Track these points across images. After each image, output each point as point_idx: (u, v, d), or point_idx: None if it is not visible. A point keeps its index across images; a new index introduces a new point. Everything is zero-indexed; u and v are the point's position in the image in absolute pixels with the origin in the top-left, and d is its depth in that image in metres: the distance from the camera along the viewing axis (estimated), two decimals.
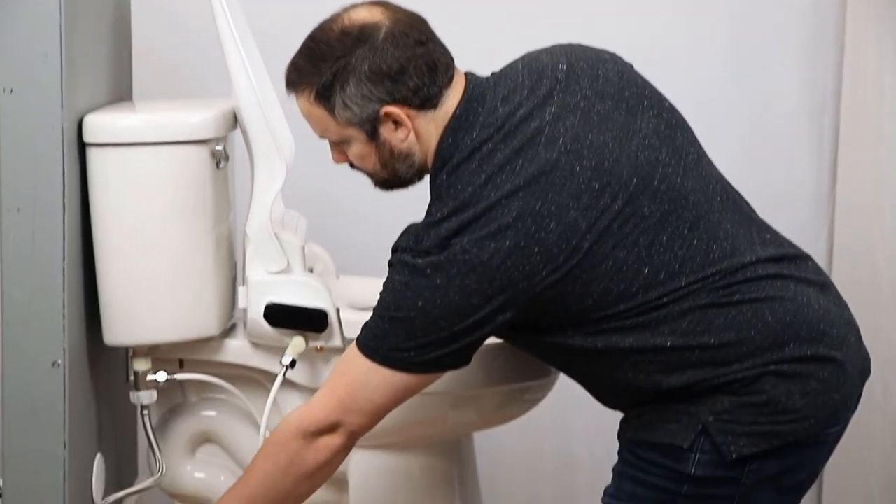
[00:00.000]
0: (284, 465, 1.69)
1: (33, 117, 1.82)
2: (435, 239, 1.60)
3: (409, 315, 1.61)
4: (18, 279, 1.84)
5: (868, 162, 2.48)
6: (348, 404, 1.66)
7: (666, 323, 1.61)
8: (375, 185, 1.77)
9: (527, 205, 1.57)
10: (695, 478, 1.62)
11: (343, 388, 1.66)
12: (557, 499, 2.71)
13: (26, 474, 1.87)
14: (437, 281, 1.58)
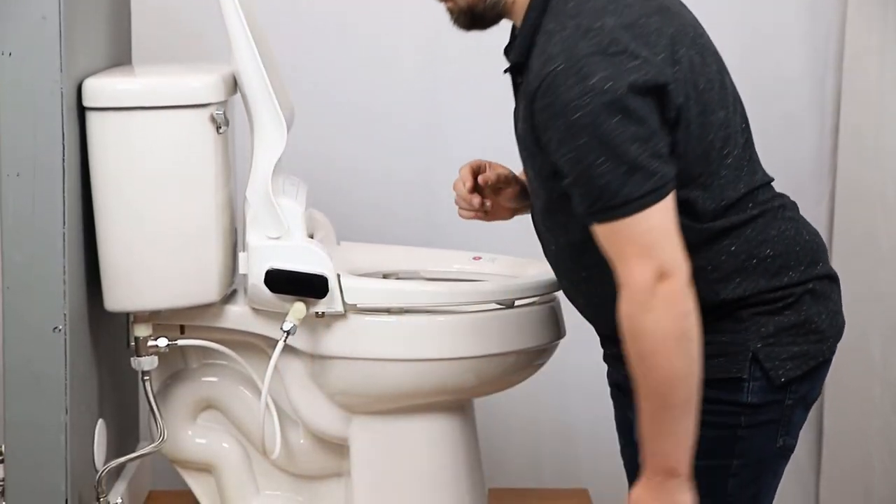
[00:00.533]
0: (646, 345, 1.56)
1: (32, 81, 1.81)
2: (591, 47, 1.52)
3: (612, 132, 1.52)
4: (18, 244, 1.83)
5: (870, 128, 2.47)
6: (658, 248, 1.55)
7: (735, 229, 1.63)
8: (455, 20, 1.70)
9: (665, 22, 1.58)
10: (751, 406, 1.64)
11: (637, 246, 1.55)
12: (557, 462, 2.71)
13: (28, 440, 1.87)
14: (619, 90, 1.50)
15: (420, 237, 2.56)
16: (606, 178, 1.53)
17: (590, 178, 1.54)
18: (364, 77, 2.57)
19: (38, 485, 1.88)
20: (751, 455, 1.67)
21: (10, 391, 1.87)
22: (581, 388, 2.66)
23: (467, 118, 2.58)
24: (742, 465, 1.67)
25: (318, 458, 2.14)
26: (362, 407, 2.07)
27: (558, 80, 1.53)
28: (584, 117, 1.52)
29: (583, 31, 1.54)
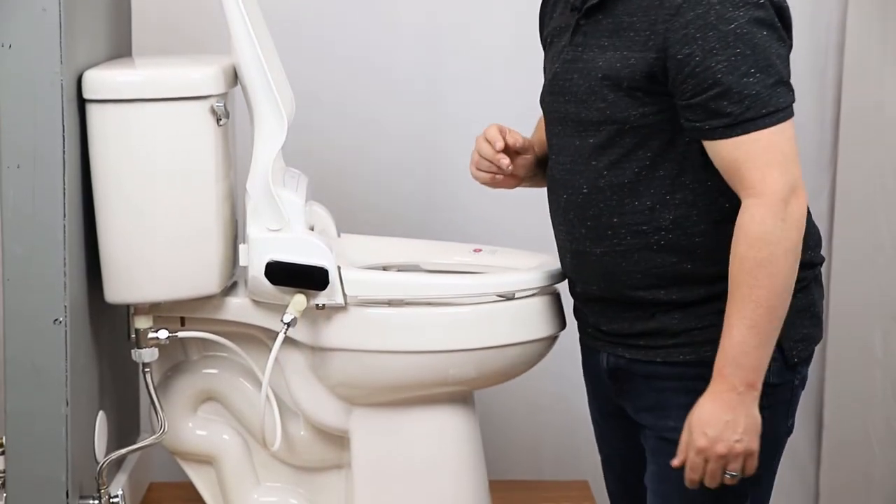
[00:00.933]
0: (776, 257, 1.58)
1: (32, 73, 1.81)
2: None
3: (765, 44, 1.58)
4: (19, 236, 1.84)
5: (870, 113, 2.47)
6: (791, 165, 1.59)
7: None
8: None
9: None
10: (771, 385, 1.65)
11: (780, 156, 1.59)
12: (558, 454, 2.72)
13: (29, 431, 1.88)
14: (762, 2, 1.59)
15: (420, 230, 2.56)
16: (757, 88, 1.58)
17: (742, 86, 1.58)
18: (364, 69, 2.57)
19: (38, 476, 1.88)
20: (768, 434, 1.66)
21: (10, 383, 1.87)
22: (581, 380, 2.66)
23: (469, 112, 2.58)
24: (764, 443, 1.65)
25: (319, 450, 2.14)
26: (363, 399, 2.07)
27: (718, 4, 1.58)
28: (739, 27, 1.58)
29: None
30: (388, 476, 2.09)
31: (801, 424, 2.63)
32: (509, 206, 2.49)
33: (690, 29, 1.59)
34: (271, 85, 1.97)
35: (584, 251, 1.73)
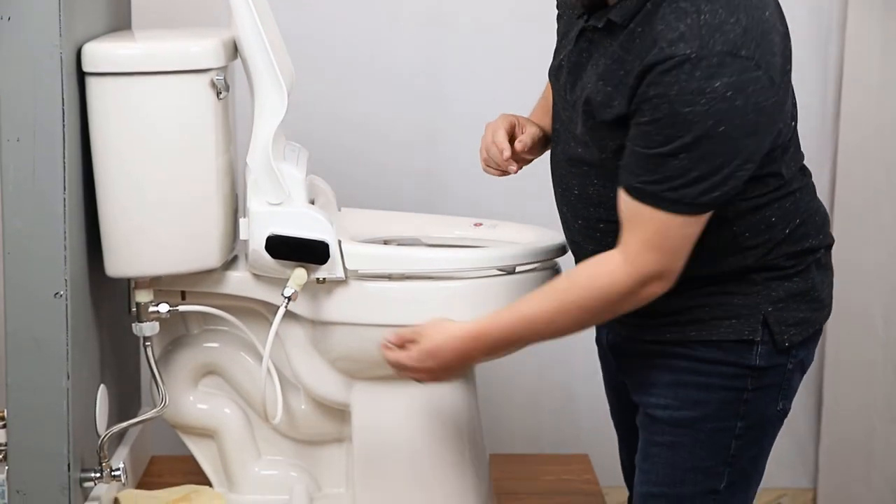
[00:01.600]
0: (600, 313, 1.65)
1: (31, 46, 1.80)
2: (727, 44, 1.51)
3: (712, 141, 1.52)
4: (19, 210, 1.83)
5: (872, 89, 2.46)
6: (670, 253, 1.59)
7: (777, 201, 1.65)
8: None
9: (775, 24, 1.57)
10: (758, 369, 1.67)
11: (660, 240, 1.58)
12: (558, 428, 2.72)
13: (30, 405, 1.88)
14: (736, 102, 1.51)
15: (421, 204, 2.56)
16: (676, 173, 1.54)
17: (660, 164, 1.54)
18: (366, 42, 2.56)
19: (40, 450, 1.88)
20: (754, 417, 1.69)
21: (11, 357, 1.87)
22: (581, 354, 2.66)
23: (470, 86, 2.57)
24: (746, 427, 1.69)
25: (320, 424, 2.15)
26: (363, 373, 2.07)
27: (684, 68, 1.51)
28: (692, 115, 1.51)
29: (718, 21, 1.51)
30: (389, 450, 2.10)
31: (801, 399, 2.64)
32: (511, 180, 2.48)
33: (652, 93, 1.53)
34: (271, 58, 1.97)
35: (578, 243, 1.76)
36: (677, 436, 1.70)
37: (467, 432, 2.13)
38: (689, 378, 1.68)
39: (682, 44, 1.51)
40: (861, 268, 2.47)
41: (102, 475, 1.98)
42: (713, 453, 1.69)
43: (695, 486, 1.71)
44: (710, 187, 1.54)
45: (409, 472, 2.10)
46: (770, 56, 1.53)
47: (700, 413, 1.68)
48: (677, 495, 1.72)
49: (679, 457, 1.70)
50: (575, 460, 2.45)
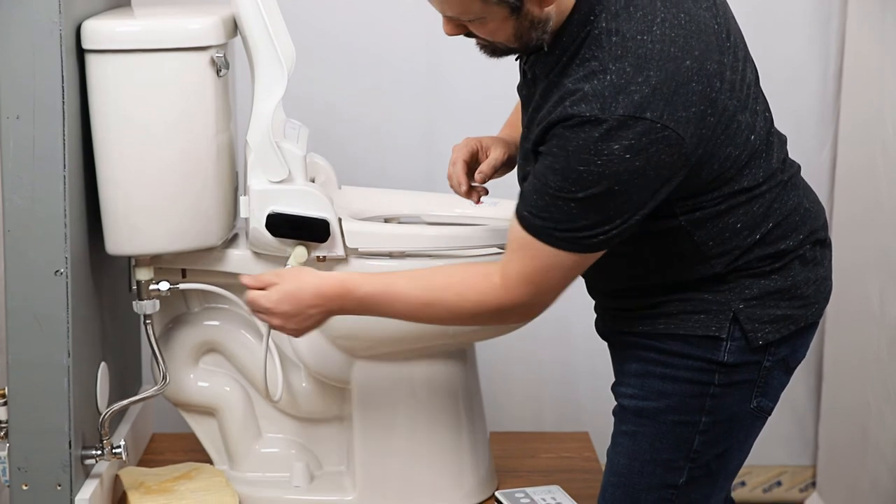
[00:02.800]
0: (462, 320, 1.70)
1: (31, 23, 1.80)
2: (629, 107, 1.50)
3: (604, 198, 1.53)
4: (19, 187, 1.83)
5: (873, 73, 2.46)
6: (545, 287, 1.62)
7: (743, 205, 1.63)
8: (490, 54, 1.67)
9: (703, 66, 1.54)
10: (726, 365, 1.65)
11: (538, 274, 1.60)
12: (558, 406, 2.72)
13: (31, 382, 1.88)
14: (636, 163, 1.51)
15: (421, 181, 2.56)
16: (564, 217, 1.55)
17: (551, 204, 1.55)
18: (365, 18, 2.55)
19: (41, 427, 1.89)
20: (721, 413, 1.67)
21: (12, 334, 1.87)
22: (582, 332, 2.66)
23: (469, 60, 2.56)
24: (711, 422, 1.67)
25: (320, 402, 2.15)
26: (364, 351, 2.08)
27: (584, 129, 1.51)
28: (586, 173, 1.52)
29: (624, 82, 1.51)
30: (389, 428, 2.10)
31: (800, 379, 2.64)
32: None
33: (554, 143, 1.55)
34: (271, 36, 1.96)
35: None
36: (640, 426, 1.70)
37: (467, 410, 2.14)
38: (656, 369, 1.68)
39: (584, 104, 1.52)
40: (859, 246, 2.47)
41: (103, 452, 1.99)
42: (674, 446, 1.68)
43: (651, 479, 1.69)
44: (598, 234, 1.56)
45: (409, 451, 2.11)
46: (683, 111, 1.52)
47: (663, 404, 1.67)
48: (633, 486, 1.71)
49: (639, 447, 1.70)
50: (575, 438, 2.46)
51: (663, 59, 1.52)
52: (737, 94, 1.59)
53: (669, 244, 1.64)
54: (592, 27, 1.55)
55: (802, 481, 2.76)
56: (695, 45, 1.54)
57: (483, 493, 2.16)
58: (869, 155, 2.47)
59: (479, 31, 1.60)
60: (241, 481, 2.15)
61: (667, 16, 1.54)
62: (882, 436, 2.41)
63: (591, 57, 1.54)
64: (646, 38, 1.52)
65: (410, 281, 1.70)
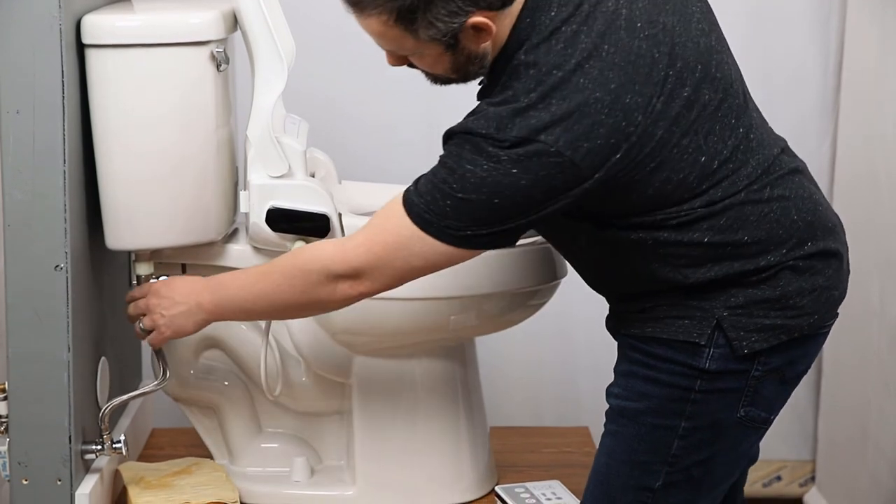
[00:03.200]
0: (297, 289, 1.71)
1: (31, 18, 1.79)
2: (523, 130, 1.53)
3: (480, 205, 1.56)
4: (19, 182, 1.83)
5: (873, 65, 2.45)
6: (384, 261, 1.64)
7: (706, 219, 1.61)
8: (434, 82, 1.71)
9: (618, 99, 1.54)
10: (708, 372, 1.64)
11: (382, 245, 1.63)
12: (559, 401, 2.73)
13: (31, 377, 1.88)
14: (521, 181, 1.54)
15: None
16: (439, 210, 1.58)
17: (433, 192, 1.58)
18: None
19: (41, 422, 1.89)
20: (702, 419, 1.66)
21: (12, 329, 1.87)
22: (582, 327, 2.67)
23: None
24: (692, 427, 1.66)
25: (320, 397, 2.15)
26: (364, 346, 2.08)
27: (478, 140, 1.55)
28: (470, 174, 1.55)
29: (524, 106, 1.54)
30: (389, 423, 2.10)
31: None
32: None
33: (452, 141, 1.60)
34: (271, 30, 1.96)
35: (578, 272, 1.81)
36: (621, 425, 1.69)
37: (467, 405, 2.14)
38: (641, 370, 1.68)
39: (483, 121, 1.56)
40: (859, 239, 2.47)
41: (103, 447, 1.99)
42: (652, 449, 1.67)
43: (628, 479, 1.69)
44: (464, 235, 1.59)
45: (409, 445, 2.11)
46: (585, 141, 1.53)
47: (644, 406, 1.67)
48: (610, 485, 1.70)
49: (618, 447, 1.70)
50: (576, 433, 2.46)
51: (570, 90, 1.54)
52: (674, 120, 1.58)
53: (641, 256, 1.64)
54: (514, 59, 1.58)
55: (802, 476, 2.76)
56: (612, 78, 1.55)
57: (483, 487, 2.17)
58: (869, 152, 2.47)
59: (419, 64, 1.66)
60: (241, 476, 2.15)
61: (587, 47, 1.55)
62: (882, 431, 2.41)
63: (508, 86, 1.58)
64: (558, 71, 1.55)
65: (261, 264, 1.81)
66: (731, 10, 2.57)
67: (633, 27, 1.57)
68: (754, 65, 2.57)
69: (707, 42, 1.63)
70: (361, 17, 1.61)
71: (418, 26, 1.57)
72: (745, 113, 1.66)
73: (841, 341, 2.57)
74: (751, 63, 2.57)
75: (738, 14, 2.58)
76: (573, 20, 1.56)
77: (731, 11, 2.57)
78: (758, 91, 1.80)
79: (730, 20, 2.58)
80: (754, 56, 2.57)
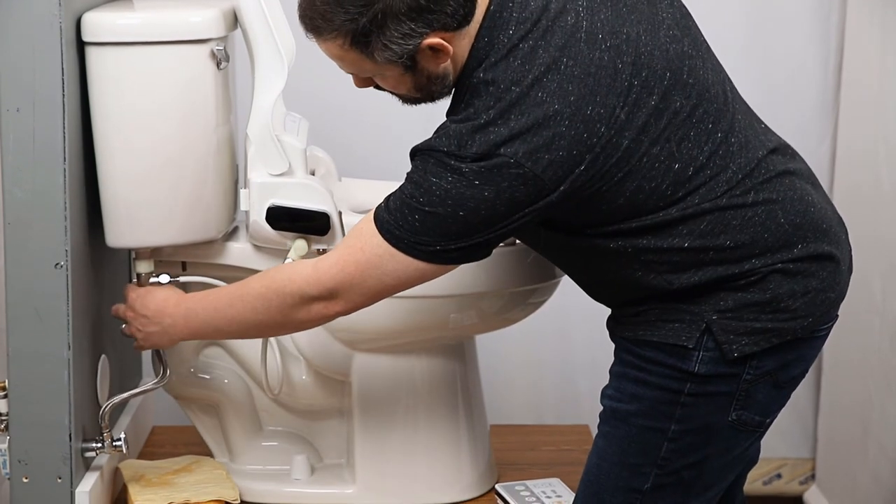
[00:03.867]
0: (273, 311, 1.72)
1: (31, 15, 1.79)
2: (483, 146, 1.55)
3: (447, 218, 1.58)
4: (19, 179, 1.83)
5: (873, 64, 2.46)
6: (357, 281, 1.65)
7: (685, 223, 1.61)
8: (403, 102, 1.73)
9: (579, 111, 1.55)
10: (698, 375, 1.64)
11: (354, 265, 1.65)
12: (558, 404, 2.73)
13: (31, 375, 1.88)
14: (484, 193, 1.55)
15: None
16: (407, 225, 1.59)
17: (401, 209, 1.60)
18: None
19: (41, 419, 1.89)
20: (692, 423, 1.66)
21: (13, 326, 1.87)
22: (582, 325, 2.67)
23: None
24: (682, 431, 1.66)
25: (321, 395, 2.15)
26: (364, 344, 2.08)
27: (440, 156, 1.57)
28: (436, 186, 1.57)
29: (483, 123, 1.56)
30: (389, 421, 2.10)
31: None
32: None
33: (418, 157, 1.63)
34: (271, 28, 1.96)
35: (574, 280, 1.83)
36: (612, 426, 1.70)
37: (467, 403, 2.14)
38: (632, 372, 1.68)
39: (444, 139, 1.58)
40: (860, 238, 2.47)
41: (104, 445, 1.99)
42: (642, 451, 1.67)
43: (617, 481, 1.69)
44: (434, 250, 1.60)
45: (409, 444, 2.11)
46: (545, 153, 1.54)
47: (634, 408, 1.67)
48: (600, 486, 1.71)
49: (609, 448, 1.70)
50: (575, 431, 2.46)
51: (529, 104, 1.55)
52: (641, 129, 1.58)
53: (623, 264, 1.64)
54: (473, 77, 1.60)
55: (802, 474, 2.76)
56: (571, 91, 1.55)
57: (483, 486, 2.17)
58: (869, 152, 2.47)
59: (383, 85, 1.69)
60: (242, 474, 2.15)
61: (545, 62, 1.56)
62: (883, 429, 2.41)
63: (469, 104, 1.60)
64: (516, 87, 1.56)
65: (231, 285, 1.80)
66: (730, 10, 2.58)
67: (593, 39, 1.58)
68: (754, 65, 2.58)
69: (678, 48, 1.62)
70: (320, 41, 1.64)
71: (373, 49, 1.59)
72: (724, 117, 1.64)
73: (842, 339, 2.57)
74: (751, 63, 2.58)
75: (738, 14, 2.59)
76: (530, 36, 1.58)
77: (731, 11, 2.58)
78: (758, 91, 1.80)
79: (730, 20, 2.60)
80: (754, 56, 2.57)
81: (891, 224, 2.39)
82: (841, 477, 2.61)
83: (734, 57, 1.77)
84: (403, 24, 1.57)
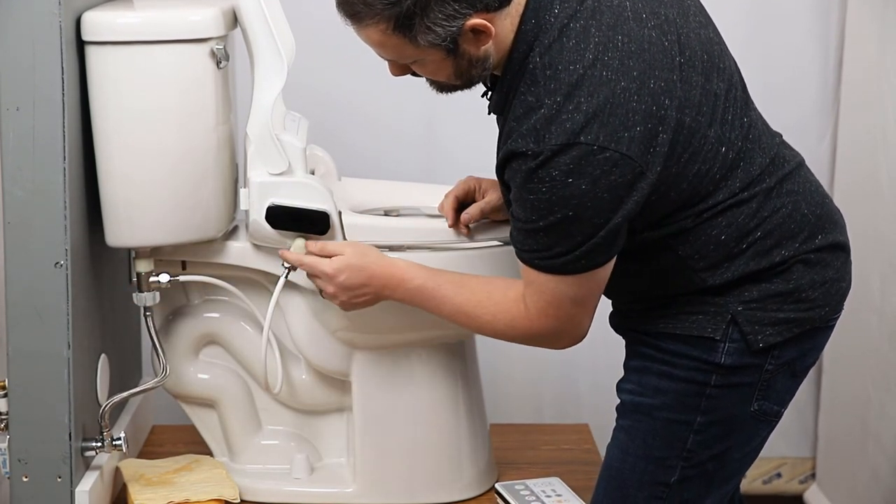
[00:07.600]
0: (511, 336, 1.73)
1: (31, 15, 1.80)
2: (562, 135, 1.53)
3: (564, 223, 1.55)
4: (19, 179, 1.83)
5: (873, 62, 2.45)
6: (563, 317, 1.64)
7: (722, 216, 1.62)
8: (439, 90, 1.71)
9: (644, 85, 1.54)
10: (724, 367, 1.65)
11: (551, 308, 1.63)
12: (558, 403, 2.73)
13: (31, 374, 1.88)
14: (581, 187, 1.53)
15: (422, 173, 2.56)
16: (541, 247, 1.59)
17: (527, 237, 1.60)
18: None
19: (41, 418, 1.89)
20: (717, 414, 1.66)
21: (13, 326, 1.87)
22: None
23: None
24: (707, 422, 1.67)
25: (320, 394, 2.15)
26: (364, 343, 2.08)
27: (525, 160, 1.55)
28: (537, 202, 1.56)
29: (555, 112, 1.54)
30: (389, 420, 2.11)
31: None
32: None
33: (509, 177, 1.60)
34: (271, 28, 1.96)
35: None
36: (635, 421, 1.70)
37: (467, 402, 2.14)
38: (655, 366, 1.69)
39: (521, 140, 1.56)
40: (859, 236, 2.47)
41: (104, 444, 1.99)
42: (667, 444, 1.68)
43: (643, 475, 1.69)
44: (577, 258, 1.58)
45: (409, 442, 2.11)
46: (624, 131, 1.53)
47: (659, 401, 1.67)
48: (624, 481, 1.71)
49: (633, 443, 1.70)
50: (575, 430, 2.46)
51: (594, 84, 1.53)
52: (697, 108, 1.59)
53: (656, 260, 1.65)
54: (528, 63, 1.58)
55: (802, 473, 2.76)
56: (633, 66, 1.54)
57: (483, 484, 2.17)
58: (869, 149, 2.47)
59: (421, 71, 1.66)
60: (242, 473, 2.15)
61: (601, 40, 1.55)
62: (882, 427, 2.41)
63: (528, 92, 1.57)
64: (577, 66, 1.54)
65: (456, 288, 1.75)
66: (731, 9, 2.58)
67: (639, 18, 1.57)
68: (754, 63, 2.57)
69: (706, 34, 1.64)
70: (360, 28, 1.61)
71: (417, 32, 1.57)
72: (747, 104, 1.67)
73: (841, 337, 2.56)
74: (751, 61, 2.57)
75: (738, 12, 2.58)
76: (579, 16, 1.56)
77: (731, 9, 2.57)
78: (758, 89, 1.81)
79: (730, 18, 2.59)
80: (754, 54, 2.57)
81: (890, 222, 2.39)
82: (841, 476, 2.61)
83: (734, 54, 1.77)
84: (447, 4, 1.55)
